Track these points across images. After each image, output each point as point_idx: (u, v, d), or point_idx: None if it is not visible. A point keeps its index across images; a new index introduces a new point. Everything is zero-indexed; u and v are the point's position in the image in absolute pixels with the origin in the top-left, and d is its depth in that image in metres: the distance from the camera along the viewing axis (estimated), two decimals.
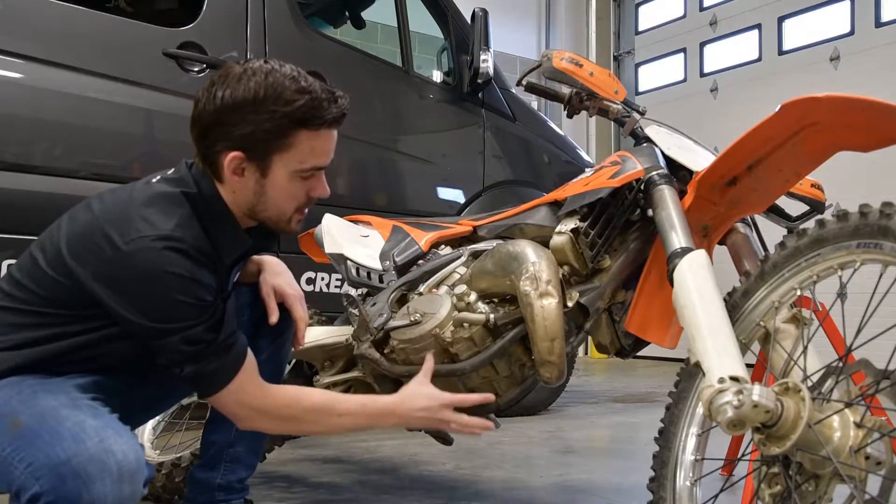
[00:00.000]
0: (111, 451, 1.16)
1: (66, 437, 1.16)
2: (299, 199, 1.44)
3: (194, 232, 1.35)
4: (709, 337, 1.30)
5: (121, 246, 1.28)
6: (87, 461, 1.14)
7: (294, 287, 1.69)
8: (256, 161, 1.38)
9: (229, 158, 1.37)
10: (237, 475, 1.71)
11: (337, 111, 1.40)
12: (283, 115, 1.35)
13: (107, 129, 2.72)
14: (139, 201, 1.34)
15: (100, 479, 1.14)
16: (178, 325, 1.30)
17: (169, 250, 1.28)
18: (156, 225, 1.30)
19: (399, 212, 3.28)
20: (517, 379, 1.78)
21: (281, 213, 1.45)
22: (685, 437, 1.47)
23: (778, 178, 1.52)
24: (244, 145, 1.36)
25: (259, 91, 1.34)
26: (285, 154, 1.38)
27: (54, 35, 2.66)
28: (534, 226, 1.87)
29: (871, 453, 1.14)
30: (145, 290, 1.29)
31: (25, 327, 1.35)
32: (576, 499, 2.25)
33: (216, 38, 2.95)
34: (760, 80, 6.67)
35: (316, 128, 1.38)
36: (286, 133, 1.36)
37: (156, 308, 1.29)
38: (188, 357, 1.33)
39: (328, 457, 2.78)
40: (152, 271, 1.28)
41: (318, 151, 1.41)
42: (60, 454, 1.14)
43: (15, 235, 2.50)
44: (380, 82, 3.51)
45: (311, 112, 1.36)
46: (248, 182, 1.40)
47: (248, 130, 1.35)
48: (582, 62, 1.87)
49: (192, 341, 1.32)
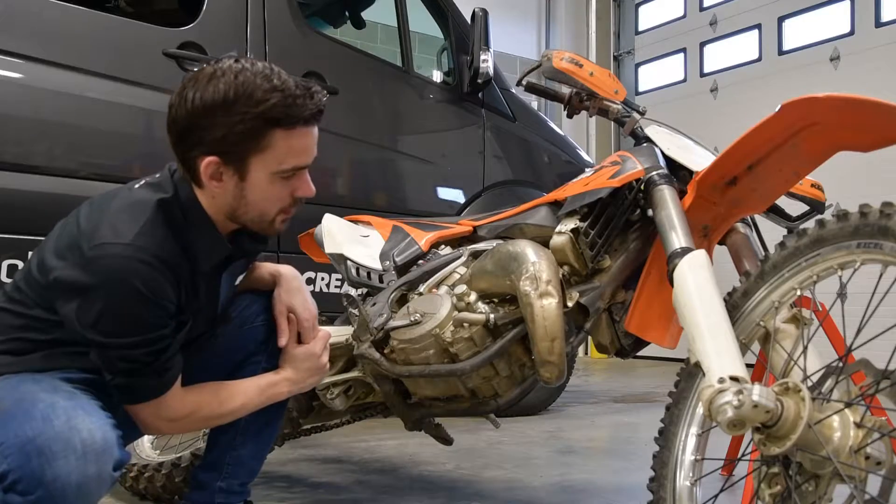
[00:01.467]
0: (76, 429, 1.17)
1: (36, 416, 1.18)
2: (283, 200, 1.41)
3: (158, 240, 1.32)
4: (709, 337, 1.29)
5: (85, 251, 1.29)
6: (51, 439, 1.15)
7: (309, 309, 1.63)
8: (233, 165, 1.34)
9: (205, 164, 1.34)
10: (239, 478, 1.70)
11: (313, 107, 1.35)
12: (256, 115, 1.30)
13: (107, 129, 2.72)
14: (113, 208, 1.34)
15: (63, 457, 1.14)
16: (119, 340, 1.30)
17: (129, 259, 1.27)
18: (119, 232, 1.29)
19: (399, 212, 3.28)
20: (517, 379, 1.78)
21: (263, 215, 1.41)
22: (685, 437, 1.47)
23: (778, 178, 1.52)
24: (219, 150, 1.33)
25: (229, 92, 1.30)
26: (262, 156, 1.34)
27: (54, 35, 2.66)
28: (534, 226, 1.87)
29: (871, 453, 1.14)
30: (97, 298, 1.27)
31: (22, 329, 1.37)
32: (576, 499, 2.25)
33: (216, 38, 2.95)
34: (760, 80, 6.67)
35: (290, 126, 1.33)
36: (261, 134, 1.32)
37: (103, 320, 1.28)
38: (120, 371, 1.33)
39: (328, 457, 2.78)
40: (109, 280, 1.27)
41: (296, 150, 1.36)
42: (28, 432, 1.15)
43: (15, 235, 2.50)
44: (380, 82, 3.51)
45: (284, 110, 1.32)
46: (228, 186, 1.37)
47: (220, 134, 1.31)
48: (582, 62, 1.87)
49: (129, 360, 1.31)
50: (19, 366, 1.35)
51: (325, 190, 3.23)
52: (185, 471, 2.02)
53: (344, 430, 2.61)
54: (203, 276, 1.44)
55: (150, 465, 2.10)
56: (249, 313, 1.64)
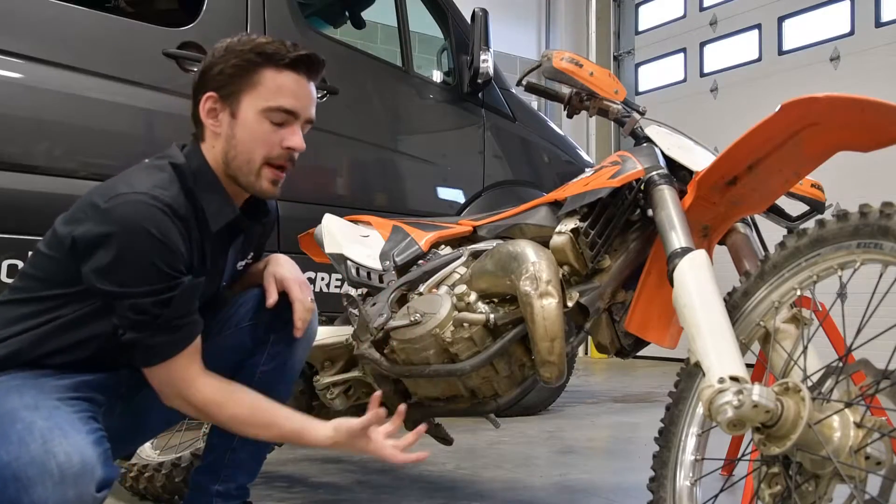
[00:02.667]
0: (52, 454, 1.14)
1: (12, 439, 1.15)
2: (270, 146, 1.45)
3: (172, 194, 1.37)
4: (709, 337, 1.29)
5: (100, 205, 1.32)
6: (27, 464, 1.12)
7: (296, 273, 1.66)
8: (227, 100, 1.45)
9: (204, 100, 1.45)
10: (237, 481, 1.69)
11: (304, 53, 1.45)
12: (248, 50, 1.43)
13: (107, 129, 2.72)
14: (125, 173, 1.42)
15: (40, 483, 1.12)
16: (131, 289, 1.31)
17: (144, 205, 1.31)
18: (135, 185, 1.35)
19: (399, 212, 3.28)
20: (517, 379, 1.78)
21: (250, 159, 1.45)
22: (685, 437, 1.47)
23: (778, 178, 1.52)
24: (215, 85, 1.45)
25: (233, 41, 1.46)
26: (252, 92, 1.44)
27: (54, 35, 2.66)
28: (534, 226, 1.87)
29: (871, 453, 1.14)
30: (112, 247, 1.30)
31: (23, 318, 1.37)
32: (576, 499, 2.25)
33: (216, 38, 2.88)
34: (760, 80, 6.67)
35: (280, 65, 1.44)
36: (252, 69, 1.43)
37: (115, 268, 1.30)
38: (132, 324, 1.34)
39: (328, 457, 2.78)
40: (124, 225, 1.30)
41: (284, 91, 1.44)
42: (3, 456, 1.13)
43: (15, 235, 2.50)
44: (380, 82, 3.51)
45: (275, 50, 1.43)
46: (222, 126, 1.46)
47: (217, 70, 1.44)
48: (582, 62, 1.87)
49: (139, 310, 1.32)
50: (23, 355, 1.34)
51: (325, 190, 3.23)
52: (185, 471, 2.02)
53: None
54: (211, 240, 1.47)
55: (150, 465, 2.10)
56: (244, 311, 1.65)
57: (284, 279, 1.63)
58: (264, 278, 1.64)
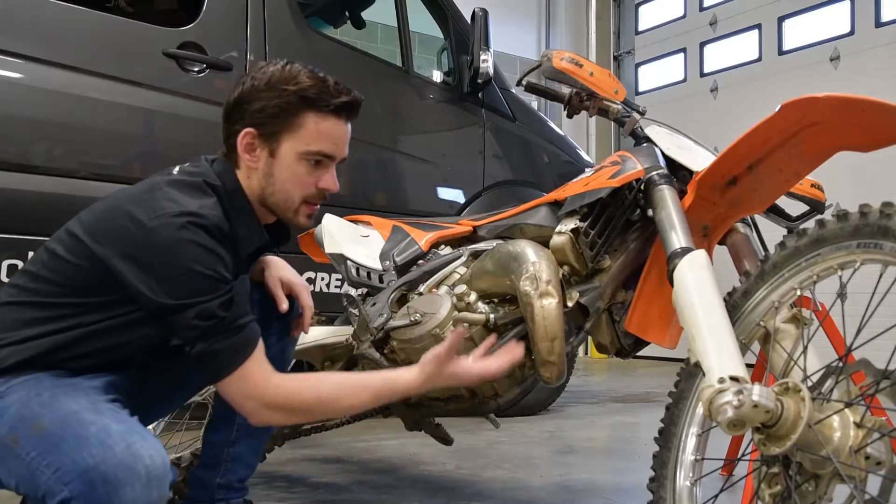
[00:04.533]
0: (139, 456, 1.16)
1: (92, 442, 1.16)
2: (307, 186, 1.47)
3: (219, 214, 1.38)
4: (709, 337, 1.29)
5: (146, 223, 1.31)
6: (115, 466, 1.14)
7: (300, 279, 1.70)
8: (266, 138, 1.44)
9: (242, 135, 1.44)
10: (237, 475, 1.71)
11: (346, 99, 1.46)
12: (292, 93, 1.42)
13: (107, 129, 2.72)
14: (164, 186, 1.39)
15: (129, 485, 1.14)
16: (194, 299, 1.30)
17: (192, 225, 1.31)
18: (181, 203, 1.34)
19: (399, 212, 3.28)
20: (517, 379, 1.78)
21: (288, 198, 1.47)
22: (685, 437, 1.47)
23: (778, 178, 1.52)
24: (256, 122, 1.44)
25: (275, 74, 1.44)
26: (293, 134, 1.43)
27: (54, 35, 2.66)
28: (534, 226, 1.87)
29: (871, 453, 1.14)
30: (166, 263, 1.30)
31: (39, 322, 1.35)
32: (576, 499, 2.25)
33: (216, 38, 2.95)
34: (760, 80, 6.67)
35: (323, 111, 1.44)
36: (294, 112, 1.42)
37: (175, 282, 1.30)
38: (200, 333, 1.32)
39: (328, 457, 2.78)
40: (175, 243, 1.30)
41: (324, 136, 1.45)
42: (88, 459, 1.14)
43: (15, 235, 2.50)
44: (380, 82, 3.51)
45: (319, 94, 1.43)
46: (259, 162, 1.45)
47: (259, 107, 1.43)
48: (582, 62, 1.87)
49: (206, 316, 1.31)
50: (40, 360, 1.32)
51: None
52: (185, 470, 2.02)
53: (344, 430, 2.61)
54: (239, 262, 1.47)
55: None
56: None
57: (293, 284, 1.67)
58: (270, 282, 1.66)
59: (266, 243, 1.53)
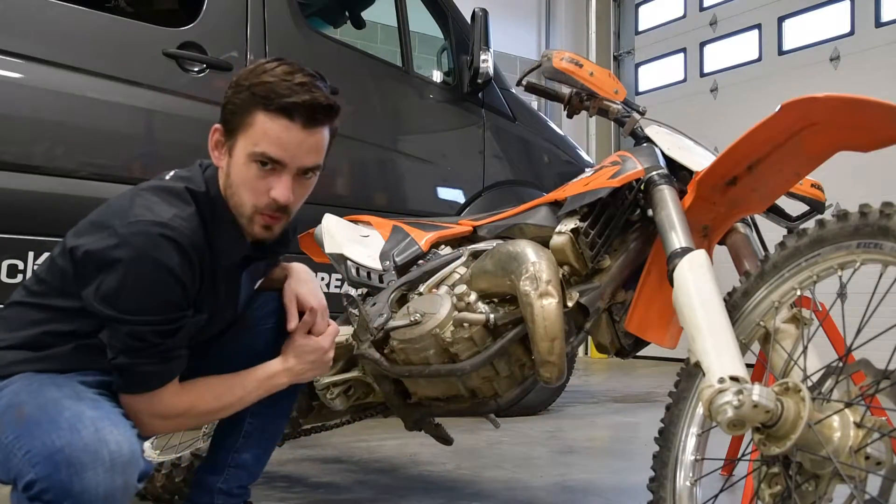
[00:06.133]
0: (104, 441, 1.16)
1: (63, 426, 1.17)
2: (257, 194, 1.37)
3: (192, 226, 1.34)
4: (709, 337, 1.29)
5: (117, 227, 1.29)
6: (80, 450, 1.14)
7: (318, 297, 1.63)
8: (228, 137, 1.39)
9: (212, 130, 1.42)
10: (240, 481, 1.70)
11: (297, 100, 1.33)
12: (247, 88, 1.35)
13: (107, 129, 2.72)
14: (145, 192, 1.37)
15: (91, 469, 1.14)
16: (135, 317, 1.29)
17: (164, 239, 1.29)
18: (156, 212, 1.31)
19: (399, 212, 3.28)
20: (517, 379, 1.78)
21: (241, 203, 1.39)
22: (685, 437, 1.47)
23: (778, 178, 1.52)
24: (222, 118, 1.41)
25: (247, 69, 1.40)
26: (245, 133, 1.36)
27: (54, 35, 2.66)
28: (534, 226, 1.87)
29: (871, 453, 1.14)
30: (123, 274, 1.27)
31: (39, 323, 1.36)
32: (576, 499, 2.25)
33: (216, 38, 2.95)
34: (760, 80, 6.67)
35: (272, 111, 1.33)
36: (247, 109, 1.35)
37: (124, 294, 1.28)
38: (128, 349, 1.31)
39: (328, 457, 2.78)
40: (139, 257, 1.27)
41: (271, 138, 1.34)
42: (56, 442, 1.15)
43: (15, 235, 2.50)
44: (380, 82, 3.51)
45: (267, 91, 1.33)
46: (224, 160, 1.41)
47: (226, 101, 1.39)
48: (582, 62, 1.87)
49: (139, 337, 1.30)
50: (39, 363, 1.33)
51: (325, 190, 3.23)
52: (185, 471, 2.03)
53: (344, 430, 2.61)
54: (223, 272, 1.45)
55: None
56: (262, 314, 1.64)
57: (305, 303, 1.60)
58: (286, 295, 1.61)
59: (257, 254, 1.49)
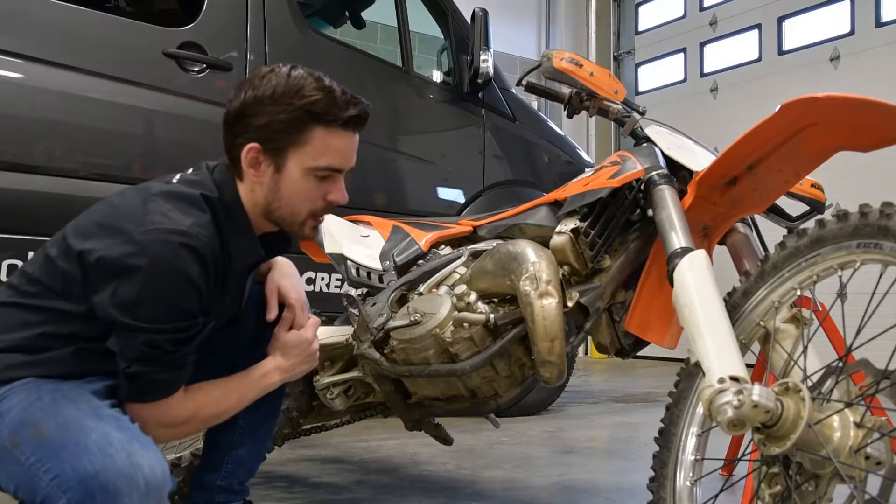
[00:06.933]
0: (139, 466, 1.16)
1: (92, 449, 1.16)
2: (314, 200, 1.42)
3: (209, 234, 1.34)
4: (709, 337, 1.29)
5: (134, 234, 1.27)
6: (115, 476, 1.13)
7: (299, 291, 1.64)
8: (272, 154, 1.38)
9: (247, 150, 1.38)
10: (238, 477, 1.70)
11: (354, 111, 1.40)
12: (298, 107, 1.35)
13: (107, 129, 2.72)
14: (159, 197, 1.34)
15: (127, 495, 1.13)
16: (152, 325, 1.27)
17: (182, 246, 1.27)
18: (174, 220, 1.30)
19: (399, 212, 3.28)
20: (517, 379, 1.78)
21: (294, 213, 1.43)
22: (685, 437, 1.47)
23: (778, 178, 1.52)
24: (261, 137, 1.37)
25: (279, 86, 1.37)
26: (300, 150, 1.38)
27: (54, 35, 2.66)
28: (534, 226, 1.87)
29: (871, 453, 1.14)
30: (140, 282, 1.25)
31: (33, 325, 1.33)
32: (576, 499, 2.25)
33: (216, 38, 2.95)
34: (760, 80, 6.67)
35: (331, 125, 1.38)
36: (301, 127, 1.37)
37: (141, 303, 1.26)
38: (143, 357, 1.29)
39: (328, 457, 2.78)
40: (157, 264, 1.26)
41: (332, 151, 1.39)
42: (88, 467, 1.14)
43: (15, 235, 2.50)
44: (380, 82, 3.50)
45: (326, 107, 1.37)
46: (265, 177, 1.40)
47: (264, 121, 1.36)
48: (582, 62, 1.87)
49: (154, 345, 1.29)
50: (38, 367, 1.30)
51: None
52: (185, 471, 2.02)
53: (344, 430, 2.61)
54: (233, 275, 1.44)
55: None
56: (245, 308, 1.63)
57: (287, 299, 1.61)
58: (267, 287, 1.62)
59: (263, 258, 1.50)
